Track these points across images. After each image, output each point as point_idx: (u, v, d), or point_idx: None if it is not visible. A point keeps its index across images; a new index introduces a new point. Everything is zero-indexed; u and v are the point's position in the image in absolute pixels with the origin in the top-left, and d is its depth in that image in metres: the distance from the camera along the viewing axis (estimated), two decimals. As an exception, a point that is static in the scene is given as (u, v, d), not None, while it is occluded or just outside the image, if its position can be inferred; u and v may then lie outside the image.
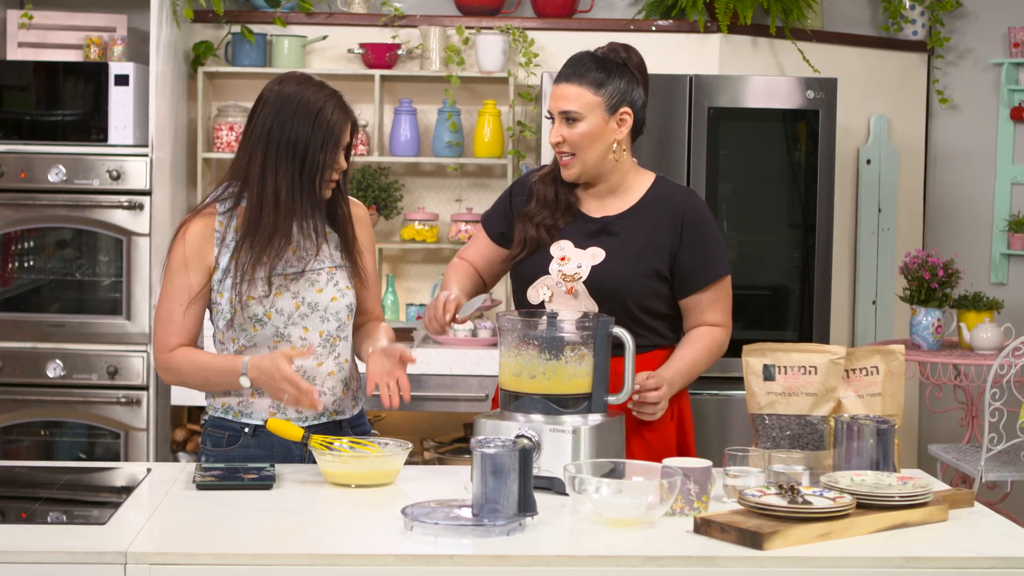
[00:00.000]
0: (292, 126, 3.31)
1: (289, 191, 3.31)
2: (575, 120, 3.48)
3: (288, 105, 3.33)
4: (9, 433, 5.50)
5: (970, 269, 6.44)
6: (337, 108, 3.35)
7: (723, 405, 5.37)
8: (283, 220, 3.32)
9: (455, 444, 5.78)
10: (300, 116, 3.32)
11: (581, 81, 3.48)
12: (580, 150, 3.49)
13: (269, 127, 3.33)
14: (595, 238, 3.54)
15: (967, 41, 6.68)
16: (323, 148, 3.31)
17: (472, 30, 5.94)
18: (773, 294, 5.62)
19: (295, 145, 3.31)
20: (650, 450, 3.50)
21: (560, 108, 3.49)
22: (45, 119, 5.48)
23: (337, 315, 3.43)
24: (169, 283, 3.39)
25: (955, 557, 2.72)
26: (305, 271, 3.40)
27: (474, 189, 6.11)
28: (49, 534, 2.76)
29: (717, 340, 3.57)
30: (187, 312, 3.38)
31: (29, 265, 5.55)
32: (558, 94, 3.50)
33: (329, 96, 3.36)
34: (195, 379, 3.41)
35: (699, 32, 5.93)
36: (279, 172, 3.32)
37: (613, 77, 3.49)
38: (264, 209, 3.31)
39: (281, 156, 3.31)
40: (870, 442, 3.09)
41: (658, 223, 3.54)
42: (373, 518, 2.92)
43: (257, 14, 5.97)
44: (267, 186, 3.32)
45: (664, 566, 2.66)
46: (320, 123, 3.32)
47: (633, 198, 3.58)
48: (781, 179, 5.61)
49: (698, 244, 3.54)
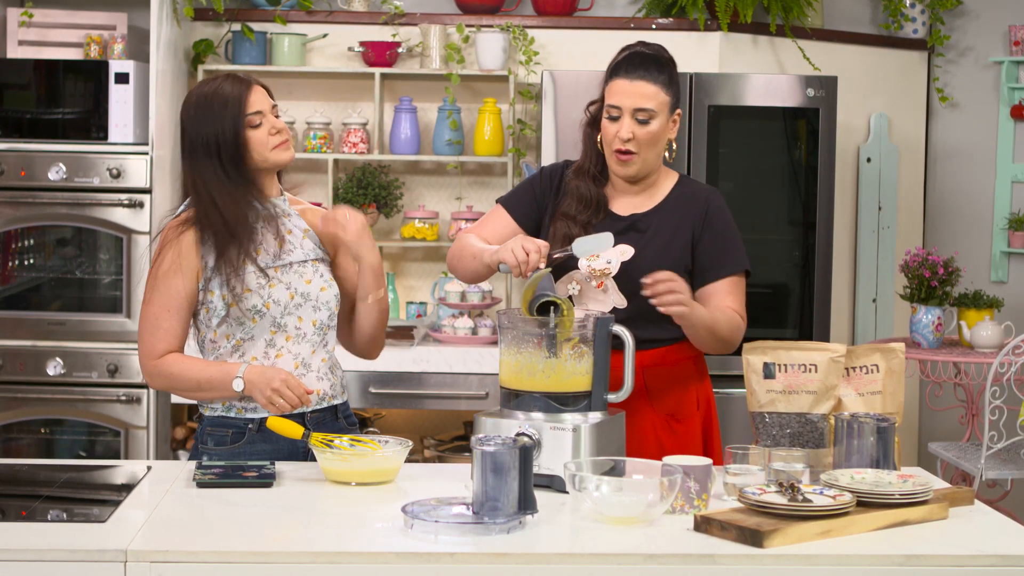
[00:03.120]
0: (200, 126, 3.39)
1: (222, 188, 3.38)
2: (648, 118, 3.49)
3: (193, 110, 3.41)
4: (9, 431, 5.50)
5: (970, 267, 6.44)
6: (230, 84, 3.40)
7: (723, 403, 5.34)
8: (231, 213, 3.36)
9: (455, 442, 5.78)
10: (203, 112, 3.39)
11: (656, 80, 3.50)
12: (645, 148, 3.52)
13: (188, 139, 3.42)
14: (624, 235, 3.55)
15: (967, 39, 6.68)
16: (233, 126, 3.37)
17: (472, 28, 5.94)
18: (773, 292, 5.62)
19: (208, 143, 3.38)
20: (678, 440, 3.55)
21: (637, 105, 3.49)
22: (45, 117, 5.47)
23: (327, 304, 3.49)
24: (155, 289, 3.41)
25: (955, 555, 2.72)
26: (292, 263, 3.44)
27: (474, 187, 6.11)
28: (49, 532, 2.77)
29: (735, 319, 3.56)
30: (174, 317, 3.40)
31: (29, 263, 5.55)
32: (635, 91, 3.49)
33: (223, 79, 3.43)
34: (186, 384, 3.42)
35: (699, 30, 5.93)
36: (206, 176, 3.39)
37: (674, 78, 3.55)
38: (210, 214, 3.37)
39: (202, 160, 3.39)
40: (870, 440, 3.09)
41: (683, 219, 3.58)
42: (373, 516, 2.92)
43: (257, 12, 5.97)
44: (202, 194, 3.39)
45: (664, 564, 2.66)
46: (220, 106, 3.37)
47: (659, 196, 3.62)
48: (781, 177, 5.61)
49: (718, 238, 3.58)
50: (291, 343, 3.43)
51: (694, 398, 3.62)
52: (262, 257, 3.40)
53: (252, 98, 3.39)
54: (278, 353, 3.43)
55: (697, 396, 3.63)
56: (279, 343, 3.43)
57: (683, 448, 3.53)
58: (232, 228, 3.35)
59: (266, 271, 3.39)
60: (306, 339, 3.45)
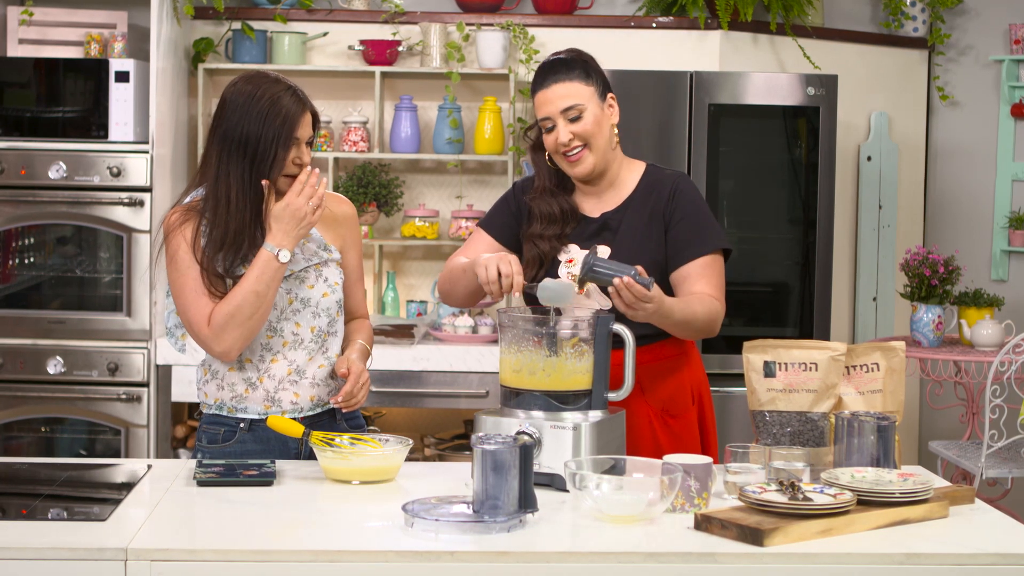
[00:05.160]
0: (244, 123, 3.32)
1: (240, 190, 3.33)
2: (579, 114, 3.49)
3: (242, 103, 3.34)
4: (10, 430, 5.50)
5: (971, 266, 6.44)
6: (290, 100, 3.35)
7: (723, 402, 5.37)
8: (235, 218, 3.33)
9: (455, 440, 5.78)
10: (252, 112, 3.32)
11: (568, 77, 3.51)
12: (591, 139, 3.50)
13: (225, 127, 3.35)
14: (598, 236, 3.55)
15: (968, 38, 6.68)
16: (275, 140, 3.32)
17: (472, 27, 5.94)
18: (774, 291, 5.62)
19: (246, 142, 3.32)
20: (674, 436, 3.55)
21: (561, 107, 3.49)
22: (45, 116, 5.47)
23: (328, 311, 3.45)
24: (177, 271, 3.35)
25: (956, 553, 2.72)
26: (293, 272, 3.41)
27: (475, 186, 6.11)
28: (50, 531, 2.77)
29: (713, 305, 3.47)
30: (207, 293, 3.33)
31: (29, 262, 5.55)
32: (553, 96, 3.50)
33: (284, 89, 3.36)
34: (247, 309, 3.29)
35: (700, 29, 5.93)
36: (231, 171, 3.34)
37: (589, 68, 3.55)
38: (218, 209, 3.34)
39: (234, 155, 3.33)
40: (871, 439, 3.09)
41: (653, 209, 3.56)
42: (374, 514, 2.92)
43: (257, 11, 5.97)
44: (220, 186, 3.34)
45: (665, 562, 2.66)
46: (272, 116, 3.32)
47: (627, 190, 3.61)
48: (782, 176, 5.61)
49: (688, 220, 3.54)
50: (287, 348, 3.41)
51: (688, 392, 3.61)
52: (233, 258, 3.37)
53: (303, 123, 3.36)
54: (273, 358, 3.41)
55: (691, 390, 3.62)
56: (275, 347, 3.41)
57: (679, 443, 3.54)
58: (231, 234, 3.33)
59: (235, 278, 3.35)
60: (303, 345, 3.43)
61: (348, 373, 3.36)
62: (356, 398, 3.37)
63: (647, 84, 5.49)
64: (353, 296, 3.59)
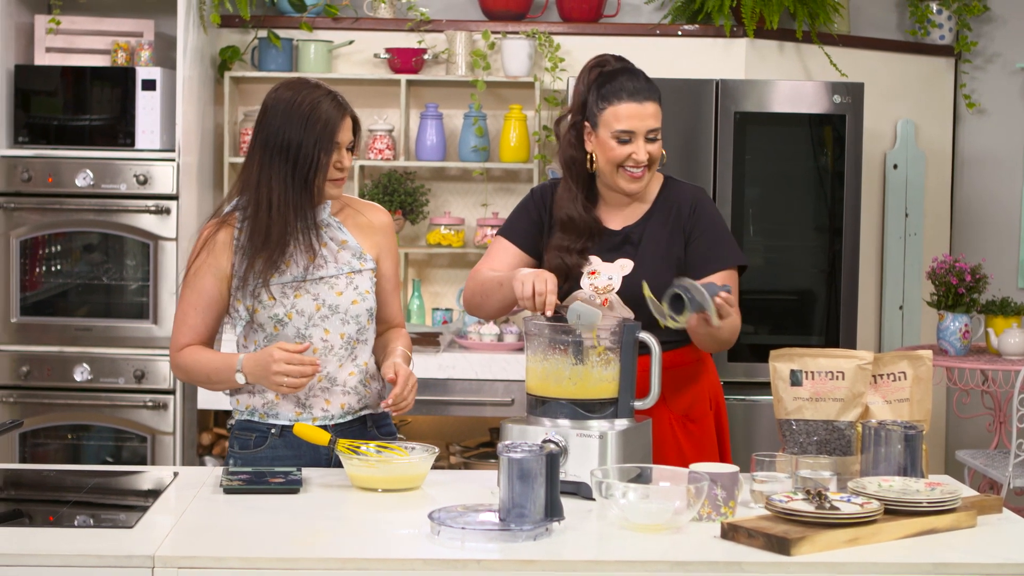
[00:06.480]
0: (286, 129, 3.35)
1: (282, 194, 3.35)
2: (656, 136, 3.52)
3: (283, 109, 3.37)
4: (37, 437, 5.52)
5: (997, 274, 6.41)
6: (331, 105, 3.37)
7: (750, 410, 5.36)
8: (277, 222, 3.34)
9: (481, 448, 5.78)
10: (293, 117, 3.35)
11: (657, 99, 3.53)
12: (655, 163, 3.54)
13: (266, 134, 3.38)
14: (620, 250, 3.55)
15: (994, 45, 6.65)
16: (316, 145, 3.34)
17: (498, 35, 5.94)
18: (800, 299, 5.61)
19: (288, 147, 3.34)
20: (695, 442, 3.56)
21: (650, 126, 3.50)
22: (72, 124, 5.50)
23: (357, 318, 3.46)
24: (187, 286, 3.45)
25: (984, 563, 2.71)
26: (324, 277, 3.42)
27: (500, 194, 6.12)
28: (77, 538, 2.77)
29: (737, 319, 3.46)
30: (200, 314, 3.43)
31: (56, 269, 5.57)
32: (645, 113, 3.49)
33: (324, 95, 3.39)
34: (199, 376, 3.46)
35: (725, 37, 5.92)
36: (273, 176, 3.36)
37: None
38: (259, 214, 3.36)
39: (275, 160, 3.36)
40: (898, 448, 3.08)
41: (674, 223, 3.57)
42: (400, 522, 2.92)
43: (283, 19, 5.99)
44: (262, 190, 3.37)
45: (691, 571, 2.65)
46: (313, 121, 3.34)
47: (646, 204, 3.61)
48: (808, 184, 5.60)
49: (708, 235, 3.56)
50: (318, 356, 3.41)
51: (706, 397, 3.64)
52: (291, 270, 3.39)
53: (343, 128, 3.38)
54: None
55: (709, 396, 3.65)
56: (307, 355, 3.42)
57: (699, 447, 3.56)
58: (270, 237, 3.35)
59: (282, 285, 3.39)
60: (333, 352, 3.43)
61: (396, 378, 3.37)
62: (406, 400, 3.38)
63: (673, 92, 5.47)
64: (390, 305, 3.59)
